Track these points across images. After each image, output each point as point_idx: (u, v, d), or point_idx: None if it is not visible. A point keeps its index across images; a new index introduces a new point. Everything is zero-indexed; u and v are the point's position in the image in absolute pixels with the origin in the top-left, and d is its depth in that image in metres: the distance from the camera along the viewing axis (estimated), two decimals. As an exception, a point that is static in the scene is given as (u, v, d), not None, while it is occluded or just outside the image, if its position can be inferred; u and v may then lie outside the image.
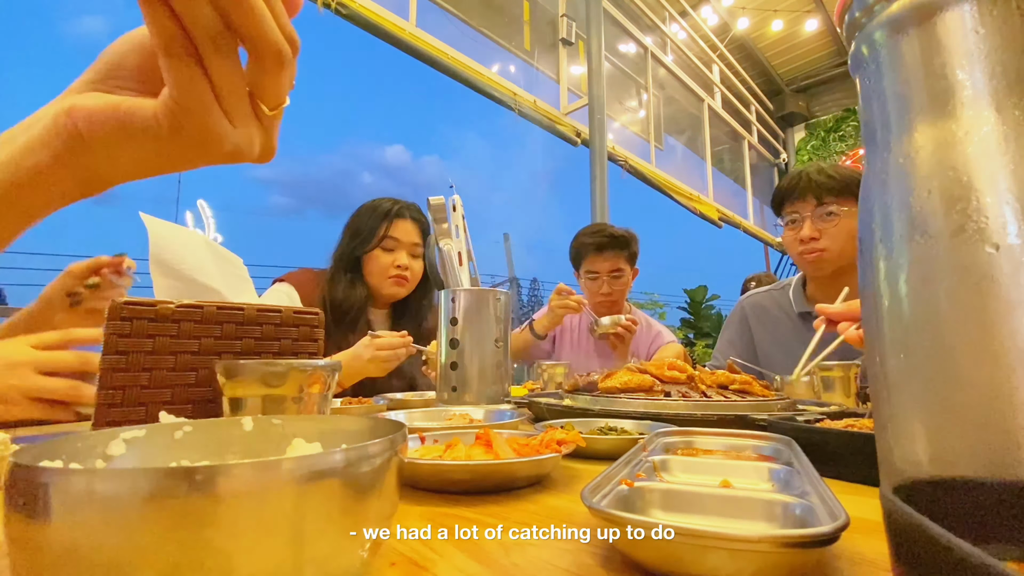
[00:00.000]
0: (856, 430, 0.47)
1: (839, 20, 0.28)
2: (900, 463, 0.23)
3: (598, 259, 1.71)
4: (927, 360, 0.22)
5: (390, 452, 0.23)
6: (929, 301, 0.22)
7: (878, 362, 0.25)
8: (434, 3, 3.26)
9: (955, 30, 0.23)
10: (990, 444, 0.20)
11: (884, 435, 0.25)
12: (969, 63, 0.22)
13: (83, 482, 0.17)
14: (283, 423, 0.32)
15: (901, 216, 0.23)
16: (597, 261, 1.71)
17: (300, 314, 0.58)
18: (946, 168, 0.22)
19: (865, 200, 0.26)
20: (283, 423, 0.32)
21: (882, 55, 0.25)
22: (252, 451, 0.31)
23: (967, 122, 0.22)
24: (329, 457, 0.20)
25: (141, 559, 0.17)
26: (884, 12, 0.25)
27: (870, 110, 0.26)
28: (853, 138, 6.43)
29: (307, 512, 0.19)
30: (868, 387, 0.27)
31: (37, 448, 0.22)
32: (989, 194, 0.21)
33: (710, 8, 5.80)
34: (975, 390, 0.21)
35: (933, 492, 0.18)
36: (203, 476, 0.17)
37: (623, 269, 1.71)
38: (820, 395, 0.90)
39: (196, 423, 0.30)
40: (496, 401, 0.84)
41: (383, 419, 0.30)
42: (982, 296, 0.21)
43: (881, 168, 0.25)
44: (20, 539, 0.17)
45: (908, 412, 0.23)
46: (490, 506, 0.37)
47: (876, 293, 0.25)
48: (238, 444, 0.31)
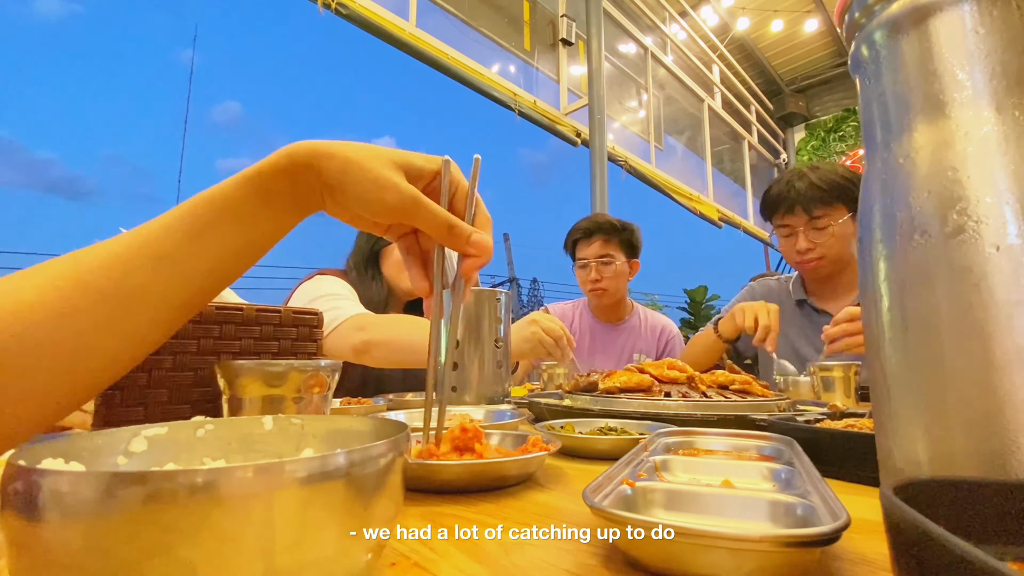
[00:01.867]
0: (856, 430, 0.47)
1: (839, 20, 0.28)
2: (900, 463, 0.24)
3: (586, 246, 1.68)
4: (927, 360, 0.22)
5: (394, 453, 0.23)
6: (929, 301, 0.22)
7: (878, 362, 0.25)
8: (434, 3, 3.26)
9: (955, 30, 0.23)
10: (989, 444, 0.20)
11: (884, 435, 0.25)
12: (969, 63, 0.22)
13: (77, 484, 0.17)
14: (302, 422, 0.32)
15: (901, 216, 0.23)
16: (585, 248, 1.69)
17: (299, 314, 0.58)
18: (946, 168, 0.22)
19: (865, 200, 0.26)
20: (302, 422, 0.32)
21: (882, 55, 0.25)
22: (271, 450, 0.31)
23: (967, 122, 0.22)
24: (332, 459, 0.20)
25: (140, 562, 0.16)
26: (884, 12, 0.25)
27: (870, 110, 0.26)
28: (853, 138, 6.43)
29: (310, 515, 0.19)
30: (868, 387, 0.27)
31: (54, 445, 0.22)
32: (989, 194, 0.21)
33: (710, 8, 5.80)
34: (974, 390, 0.21)
35: (933, 492, 0.18)
36: (204, 479, 0.17)
37: (612, 255, 1.66)
38: (820, 395, 0.90)
39: (217, 421, 0.30)
40: (496, 402, 0.84)
41: (394, 421, 0.30)
42: (982, 296, 0.21)
43: (881, 168, 0.25)
44: (16, 540, 0.17)
45: (908, 412, 0.23)
46: (490, 506, 0.37)
47: (876, 293, 0.25)
48: (259, 443, 0.31)
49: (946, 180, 0.22)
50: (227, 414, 0.45)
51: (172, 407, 0.50)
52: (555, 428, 0.60)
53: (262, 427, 0.31)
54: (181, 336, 0.51)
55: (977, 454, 0.20)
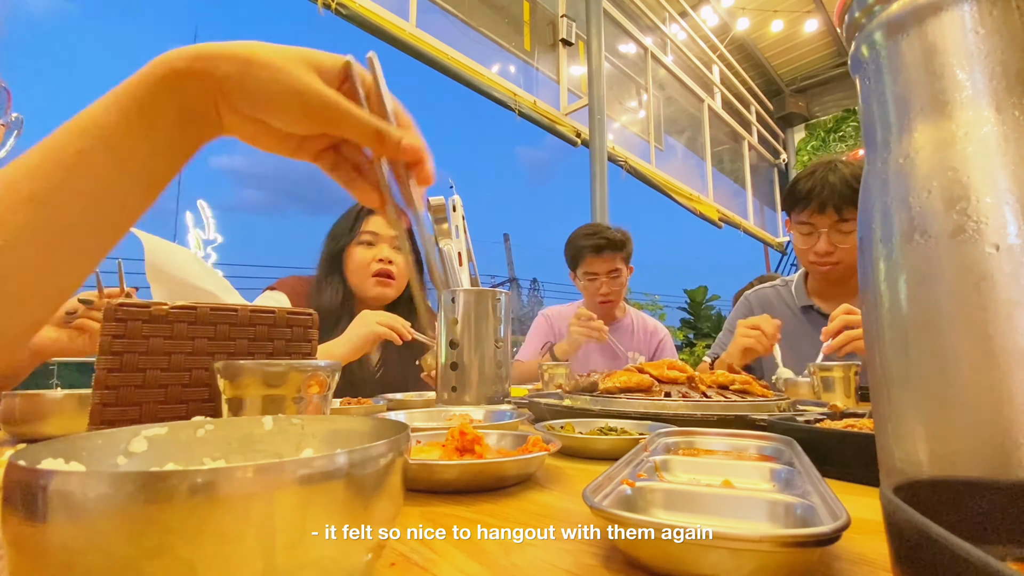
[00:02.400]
0: (856, 430, 0.47)
1: (839, 21, 0.28)
2: (900, 463, 0.23)
3: (596, 261, 1.72)
4: (927, 360, 0.22)
5: (394, 453, 0.23)
6: (929, 301, 0.22)
7: (878, 362, 0.25)
8: (434, 3, 3.26)
9: (955, 30, 0.23)
10: (990, 444, 0.20)
11: (884, 435, 0.25)
12: (969, 63, 0.22)
13: (77, 484, 0.17)
14: (302, 423, 0.32)
15: (901, 216, 0.23)
16: (595, 263, 1.73)
17: (294, 315, 0.58)
18: (946, 168, 0.22)
19: (865, 200, 0.26)
20: (302, 423, 0.32)
21: (882, 55, 0.25)
22: (271, 450, 0.31)
23: (967, 122, 0.22)
24: (332, 459, 0.20)
25: (140, 562, 0.16)
26: (884, 12, 0.25)
27: (870, 110, 0.26)
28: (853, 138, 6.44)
29: (310, 515, 0.19)
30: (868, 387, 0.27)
31: (53, 445, 0.22)
32: (989, 194, 0.21)
33: (710, 9, 5.81)
34: (975, 390, 0.21)
35: (933, 492, 0.18)
36: (204, 479, 0.17)
37: (620, 269, 1.73)
38: (820, 395, 0.90)
39: (217, 421, 0.30)
40: (496, 402, 0.84)
41: (394, 421, 0.30)
42: (982, 296, 0.21)
43: (881, 168, 0.25)
44: (16, 540, 0.17)
45: (908, 412, 0.23)
46: (489, 506, 0.37)
47: (876, 293, 0.25)
48: (259, 443, 0.31)
49: (946, 180, 0.22)
50: (227, 414, 0.45)
51: (167, 407, 0.50)
52: (555, 428, 0.60)
53: (262, 427, 0.31)
54: (176, 337, 0.51)
55: (978, 454, 0.20)
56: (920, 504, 0.15)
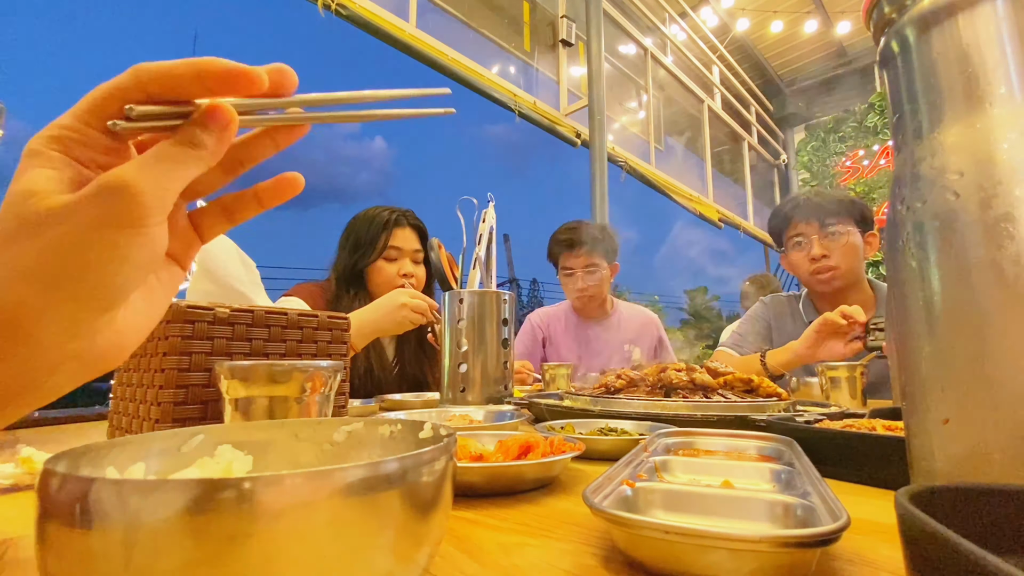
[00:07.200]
0: (855, 430, 0.47)
1: (866, 17, 0.28)
2: (937, 463, 0.23)
3: (571, 256, 1.74)
4: (965, 358, 0.22)
5: (447, 458, 0.22)
6: (963, 297, 0.22)
7: (912, 361, 0.24)
8: (434, 4, 3.26)
9: (987, 24, 0.22)
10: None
11: (919, 435, 0.24)
12: (1002, 56, 0.22)
13: (118, 492, 0.16)
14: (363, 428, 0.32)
15: (931, 210, 0.23)
16: (570, 258, 1.75)
17: (332, 319, 0.61)
18: (979, 161, 0.22)
19: (896, 193, 0.26)
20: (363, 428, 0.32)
21: (913, 50, 0.25)
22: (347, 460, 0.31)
23: (1001, 115, 0.22)
24: (387, 466, 0.19)
25: (182, 573, 0.16)
26: (916, 7, 0.25)
27: (899, 105, 0.26)
28: (853, 139, 6.42)
29: (364, 525, 0.18)
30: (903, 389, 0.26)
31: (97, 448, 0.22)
32: (1018, 187, 0.21)
33: (710, 9, 5.80)
34: (1016, 388, 0.20)
35: (949, 499, 0.18)
36: (252, 486, 0.16)
37: (596, 264, 1.73)
38: (828, 395, 0.90)
39: (284, 423, 0.31)
40: (499, 402, 0.84)
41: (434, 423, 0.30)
42: (1019, 290, 0.20)
43: (911, 161, 0.25)
44: (55, 547, 0.17)
45: (942, 411, 0.23)
46: (489, 507, 0.37)
47: (908, 289, 0.24)
48: (331, 452, 0.31)
49: (978, 174, 0.22)
50: (229, 415, 0.45)
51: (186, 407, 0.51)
52: (555, 429, 0.60)
53: (340, 433, 0.31)
54: (236, 337, 0.52)
55: (1018, 455, 0.20)
56: (935, 511, 0.15)
